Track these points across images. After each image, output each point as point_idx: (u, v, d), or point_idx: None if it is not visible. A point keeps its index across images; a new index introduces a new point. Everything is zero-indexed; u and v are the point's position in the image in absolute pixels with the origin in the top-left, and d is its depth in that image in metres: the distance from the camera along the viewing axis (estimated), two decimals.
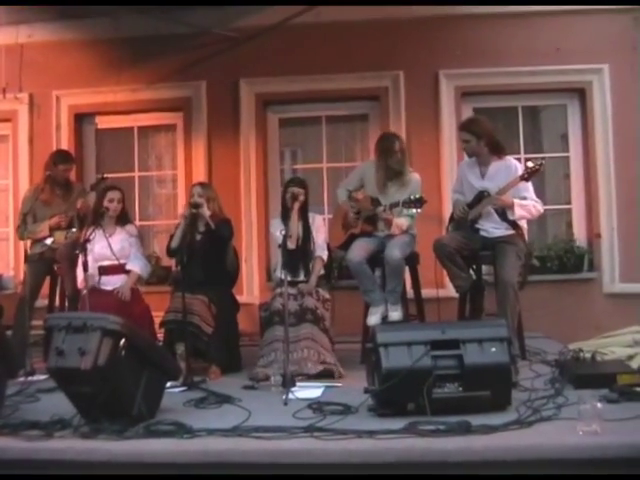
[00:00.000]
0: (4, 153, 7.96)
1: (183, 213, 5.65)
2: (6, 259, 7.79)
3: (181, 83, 7.60)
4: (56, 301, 6.22)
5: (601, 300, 7.15)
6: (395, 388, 3.70)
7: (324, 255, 5.62)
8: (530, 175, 5.31)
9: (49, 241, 5.94)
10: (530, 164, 5.32)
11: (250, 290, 7.40)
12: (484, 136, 5.50)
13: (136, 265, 5.77)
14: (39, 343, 5.67)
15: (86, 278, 5.29)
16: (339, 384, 4.84)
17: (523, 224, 5.55)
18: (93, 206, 5.87)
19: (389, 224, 5.66)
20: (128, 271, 5.72)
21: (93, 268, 5.57)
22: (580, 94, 7.39)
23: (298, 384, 4.64)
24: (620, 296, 7.07)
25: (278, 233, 5.28)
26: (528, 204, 5.40)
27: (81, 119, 7.89)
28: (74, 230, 5.89)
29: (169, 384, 4.28)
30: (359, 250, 5.65)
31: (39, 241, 5.99)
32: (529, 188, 5.45)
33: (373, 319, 5.54)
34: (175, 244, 5.54)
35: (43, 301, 6.13)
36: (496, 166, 5.54)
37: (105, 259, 5.66)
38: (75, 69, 7.60)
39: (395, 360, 3.77)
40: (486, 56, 7.25)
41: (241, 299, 6.14)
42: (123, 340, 3.72)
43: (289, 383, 4.43)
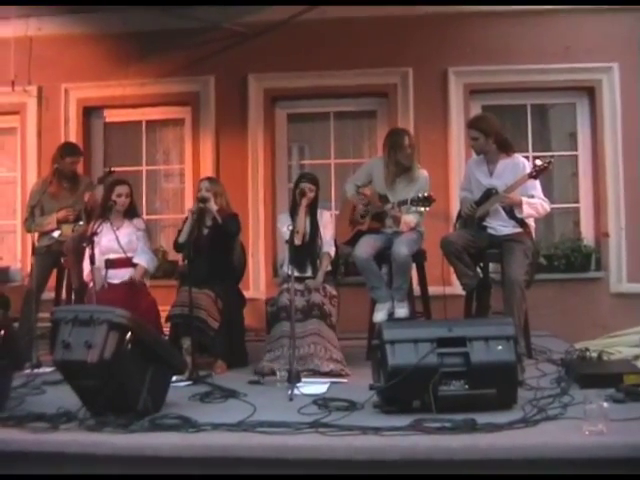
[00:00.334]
0: (12, 146, 7.98)
1: (191, 208, 5.65)
2: (13, 251, 7.81)
3: (189, 78, 7.59)
4: (63, 294, 6.23)
5: (608, 300, 7.13)
6: (401, 385, 3.69)
7: (331, 251, 5.61)
8: (538, 173, 5.30)
9: (56, 234, 5.95)
10: (539, 162, 5.31)
11: (256, 285, 7.40)
12: (492, 134, 5.49)
13: (143, 259, 5.77)
14: (45, 335, 5.69)
15: (93, 271, 5.30)
16: (344, 380, 4.85)
17: (531, 222, 5.54)
18: (101, 200, 5.88)
19: (398, 221, 5.64)
20: (135, 265, 5.72)
21: (100, 261, 5.57)
22: (589, 93, 7.37)
23: (303, 380, 4.63)
24: (627, 296, 7.05)
25: (285, 229, 5.29)
26: (536, 202, 5.39)
27: (89, 112, 7.89)
28: (81, 223, 5.92)
29: (174, 378, 4.27)
30: (366, 247, 5.64)
31: (46, 234, 6.00)
32: (537, 186, 5.44)
33: (379, 316, 5.54)
34: (182, 239, 5.54)
35: (50, 294, 6.14)
36: (504, 164, 5.53)
37: (112, 252, 5.66)
38: (84, 62, 7.60)
39: (401, 357, 3.76)
40: (495, 54, 7.22)
41: (247, 294, 6.13)
42: (129, 334, 3.72)
43: (294, 379, 4.43)
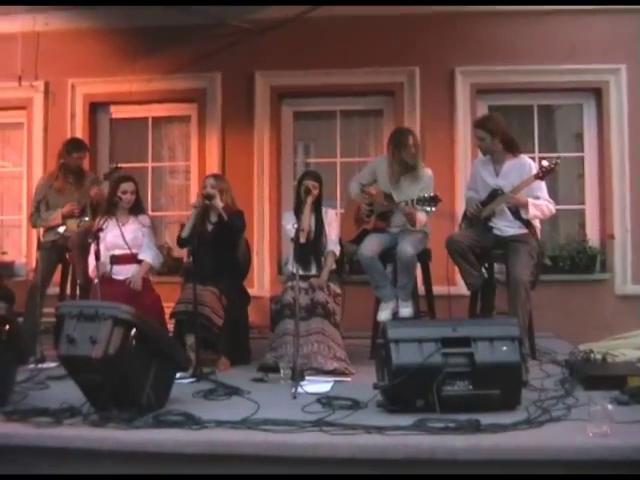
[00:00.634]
0: (19, 141, 7.99)
1: (194, 203, 5.65)
2: (18, 246, 7.83)
3: (196, 74, 7.58)
4: (67, 289, 6.24)
5: (612, 301, 7.12)
6: (405, 384, 3.68)
7: (336, 250, 5.61)
8: (545, 174, 5.29)
9: (61, 229, 5.95)
10: (545, 163, 5.30)
11: (261, 283, 7.41)
12: (499, 133, 5.48)
13: (148, 255, 5.78)
14: (50, 330, 5.68)
15: (98, 267, 5.30)
16: (348, 379, 4.85)
17: (536, 223, 5.53)
18: (107, 196, 5.89)
19: (413, 217, 5.57)
20: (140, 261, 5.73)
21: (105, 257, 5.58)
22: (596, 94, 7.35)
23: (307, 378, 4.63)
24: (632, 298, 7.04)
25: (290, 226, 5.28)
26: (541, 204, 5.38)
27: (96, 108, 7.90)
28: (87, 219, 5.92)
29: (178, 375, 4.27)
30: (371, 245, 5.63)
31: (52, 229, 6.00)
32: (542, 187, 5.43)
33: (383, 315, 5.53)
34: (185, 234, 5.54)
35: (54, 289, 6.16)
36: (510, 164, 5.52)
37: (117, 248, 5.67)
38: (91, 58, 7.61)
39: (405, 356, 3.75)
40: (502, 54, 7.21)
41: (252, 292, 6.14)
42: (134, 330, 3.72)
43: (298, 377, 4.43)
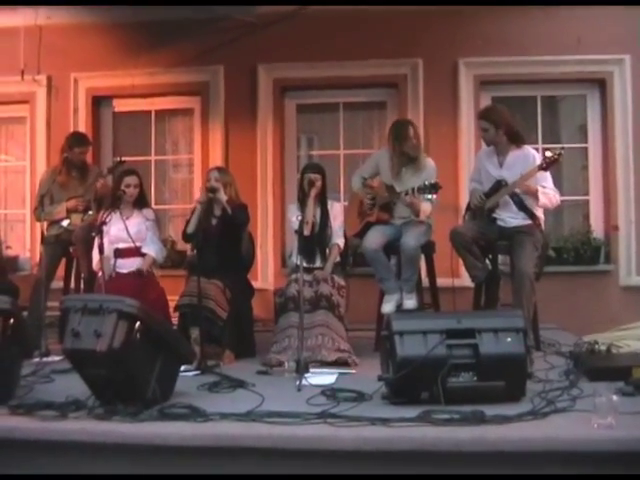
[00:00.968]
0: (22, 135, 8.00)
1: (199, 198, 5.65)
2: (22, 240, 7.84)
3: (199, 67, 7.58)
4: (71, 283, 6.25)
5: (617, 293, 7.12)
6: (409, 376, 3.68)
7: (341, 242, 5.60)
8: (549, 165, 5.28)
9: (65, 223, 5.97)
10: (549, 154, 5.28)
11: (265, 276, 7.41)
12: (503, 125, 5.47)
13: (151, 249, 5.79)
14: (54, 324, 5.71)
15: (102, 260, 5.31)
16: (353, 371, 4.85)
17: (540, 214, 5.52)
18: (111, 189, 5.90)
19: (416, 207, 5.57)
20: (143, 254, 5.74)
21: (109, 250, 5.60)
22: (600, 85, 7.33)
23: (312, 370, 4.63)
24: (636, 289, 7.05)
25: (294, 219, 5.28)
26: (549, 192, 5.39)
27: (99, 102, 7.91)
28: (90, 213, 5.94)
29: (183, 368, 4.27)
30: (375, 238, 5.63)
31: (56, 223, 6.01)
32: (548, 178, 5.42)
33: (388, 307, 5.54)
34: (191, 229, 5.53)
35: (59, 283, 6.16)
36: (514, 155, 5.51)
37: (121, 241, 5.68)
38: (93, 52, 7.61)
39: (410, 348, 3.75)
40: (506, 45, 7.20)
41: (256, 285, 6.14)
42: (138, 323, 3.72)
43: (303, 369, 4.43)
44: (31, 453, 3.44)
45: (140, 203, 5.90)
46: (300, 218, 5.11)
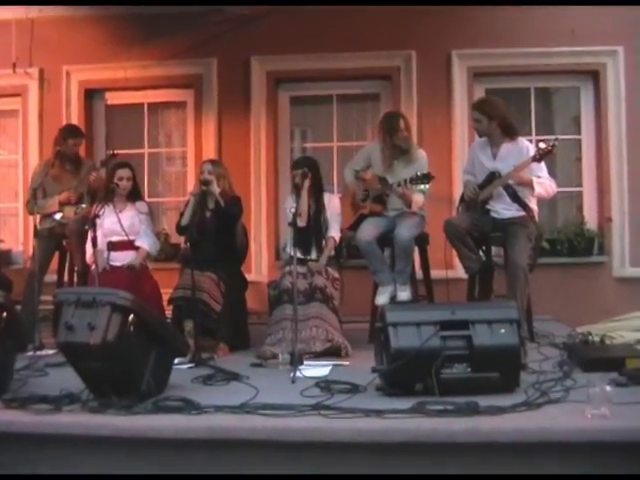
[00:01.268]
0: (14, 128, 7.97)
1: (193, 191, 5.64)
2: (15, 234, 7.82)
3: (192, 60, 7.55)
4: (65, 276, 6.23)
5: (611, 284, 7.14)
6: (403, 368, 3.68)
7: (337, 235, 5.60)
8: (542, 156, 5.27)
9: (58, 216, 5.95)
10: (542, 145, 5.28)
11: (259, 268, 7.41)
12: (496, 117, 5.47)
13: (145, 242, 5.78)
14: (48, 318, 5.68)
15: (95, 253, 5.30)
16: (347, 363, 4.85)
17: (534, 206, 5.52)
18: (104, 182, 5.89)
19: (408, 199, 5.57)
20: (137, 247, 5.73)
21: (102, 243, 5.58)
22: (594, 76, 7.34)
23: (306, 362, 4.64)
24: (630, 280, 7.06)
25: (288, 210, 5.28)
26: (544, 182, 5.39)
27: (91, 95, 7.87)
28: (84, 206, 5.92)
29: (177, 361, 4.27)
30: (368, 230, 5.62)
31: (48, 216, 5.98)
32: (543, 168, 5.42)
33: (382, 299, 5.53)
34: (185, 222, 5.53)
35: (52, 276, 6.14)
36: (508, 147, 5.51)
37: (114, 235, 5.67)
38: (86, 44, 7.56)
39: (404, 340, 3.75)
40: (499, 37, 7.19)
41: (249, 277, 6.14)
42: (132, 316, 3.71)
43: (297, 361, 4.43)
44: (25, 447, 3.43)
45: (133, 196, 5.89)
46: (293, 210, 5.10)
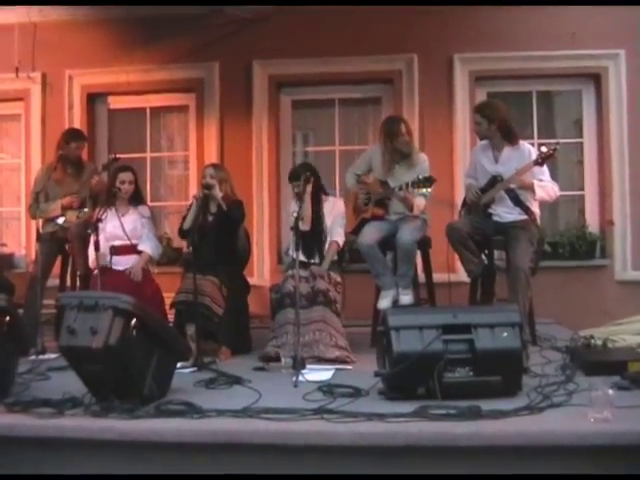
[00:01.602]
0: (16, 132, 7.98)
1: (195, 194, 5.64)
2: (18, 238, 7.83)
3: (194, 64, 7.56)
4: (67, 280, 6.23)
5: (613, 287, 7.13)
6: (406, 372, 3.68)
7: (340, 240, 5.58)
8: (544, 160, 5.29)
9: (61, 220, 5.95)
10: (544, 149, 5.30)
11: (261, 272, 7.41)
12: (496, 121, 5.47)
13: (147, 246, 5.78)
14: (50, 322, 5.70)
15: (97, 258, 5.30)
16: (349, 367, 4.84)
17: (536, 209, 5.52)
18: (106, 186, 5.89)
19: (409, 203, 5.56)
20: (139, 251, 5.73)
21: (105, 248, 5.57)
22: (595, 79, 7.34)
23: (308, 366, 4.63)
24: (632, 283, 7.05)
25: (291, 214, 5.27)
26: (546, 185, 5.39)
27: (93, 99, 7.89)
28: (86, 210, 5.91)
29: (179, 364, 4.27)
30: (370, 234, 5.62)
31: (51, 220, 5.99)
32: (545, 171, 5.43)
33: (384, 303, 5.53)
34: (187, 225, 5.53)
35: (54, 280, 6.14)
36: (510, 151, 5.52)
37: (117, 239, 5.67)
38: (88, 48, 7.58)
39: (406, 344, 3.75)
40: (501, 40, 7.19)
41: (252, 281, 6.14)
42: (134, 320, 3.72)
43: (299, 365, 4.43)
44: (28, 450, 3.43)
45: (136, 200, 5.89)
46: (296, 214, 5.10)
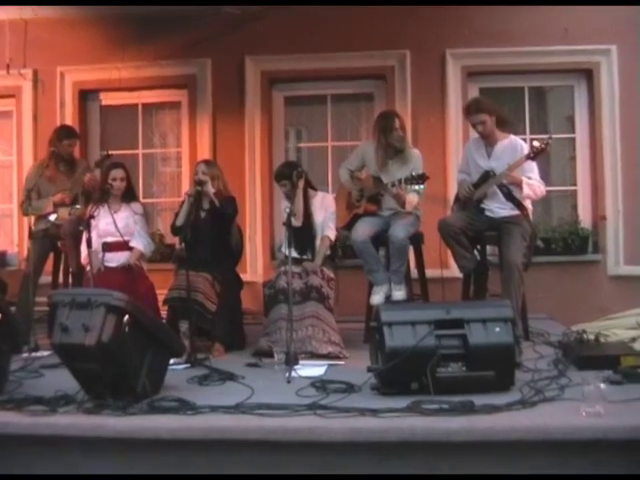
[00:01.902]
0: (8, 129, 7.95)
1: (188, 191, 5.63)
2: (10, 236, 7.81)
3: (186, 60, 7.54)
4: (60, 278, 6.22)
5: (605, 282, 7.14)
6: (399, 367, 3.69)
7: (332, 235, 5.57)
8: (536, 154, 5.29)
9: (53, 217, 5.92)
10: (536, 143, 5.31)
11: (254, 269, 7.40)
12: (494, 111, 5.51)
13: (139, 243, 5.77)
14: (43, 319, 5.69)
15: (90, 254, 5.29)
16: (342, 362, 4.85)
17: (528, 205, 5.53)
18: (98, 183, 5.88)
19: (402, 199, 5.56)
20: (132, 248, 5.72)
21: (97, 244, 5.57)
22: (587, 75, 7.34)
23: (301, 362, 4.63)
24: (624, 278, 7.06)
25: (284, 210, 5.27)
26: (534, 184, 5.40)
27: (85, 96, 7.86)
28: (78, 206, 5.89)
29: (172, 361, 4.27)
30: (363, 230, 5.62)
31: (43, 217, 5.96)
32: (534, 169, 5.44)
33: (376, 298, 5.53)
34: (180, 222, 5.52)
35: (47, 278, 6.12)
36: (502, 146, 5.52)
37: (109, 235, 5.67)
38: (80, 45, 7.55)
39: (399, 339, 3.75)
40: (493, 36, 7.19)
41: (245, 277, 6.14)
42: (127, 317, 3.71)
43: (292, 361, 4.43)
44: (21, 448, 3.43)
45: (128, 197, 5.88)
46: (287, 210, 5.09)
